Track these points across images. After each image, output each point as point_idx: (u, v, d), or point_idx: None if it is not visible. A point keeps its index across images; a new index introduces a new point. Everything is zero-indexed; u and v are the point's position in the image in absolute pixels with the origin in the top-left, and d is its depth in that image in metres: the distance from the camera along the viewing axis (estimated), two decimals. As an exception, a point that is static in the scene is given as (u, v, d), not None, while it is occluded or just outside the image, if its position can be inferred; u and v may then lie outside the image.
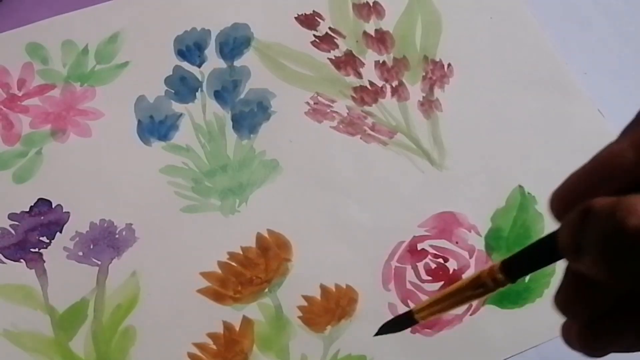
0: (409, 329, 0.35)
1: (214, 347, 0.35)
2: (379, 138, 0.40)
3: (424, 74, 0.42)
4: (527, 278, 0.37)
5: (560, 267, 0.37)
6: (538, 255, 0.23)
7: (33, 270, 0.36)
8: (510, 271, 0.24)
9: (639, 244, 0.17)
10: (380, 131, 0.41)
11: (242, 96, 0.41)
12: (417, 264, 0.37)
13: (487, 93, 0.42)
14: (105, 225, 0.37)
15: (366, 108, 0.41)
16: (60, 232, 0.37)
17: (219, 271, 0.37)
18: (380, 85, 0.42)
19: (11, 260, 0.36)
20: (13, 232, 0.37)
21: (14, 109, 0.40)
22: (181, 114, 0.40)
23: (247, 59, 0.42)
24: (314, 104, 0.41)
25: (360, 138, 0.40)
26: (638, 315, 0.19)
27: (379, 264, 0.37)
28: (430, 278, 0.37)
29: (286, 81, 0.42)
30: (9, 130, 0.40)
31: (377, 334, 0.34)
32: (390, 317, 0.35)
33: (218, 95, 0.41)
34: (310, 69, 0.42)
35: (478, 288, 0.25)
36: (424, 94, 0.42)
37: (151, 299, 0.36)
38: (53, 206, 0.38)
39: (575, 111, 0.41)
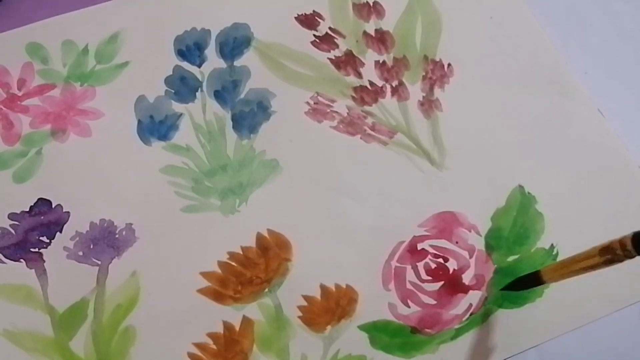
0: (410, 329, 0.36)
1: (214, 347, 0.35)
2: (379, 138, 0.40)
3: (424, 73, 0.42)
4: (527, 278, 0.37)
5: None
6: None
7: (33, 270, 0.36)
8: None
9: None
10: (380, 131, 0.41)
11: (242, 96, 0.41)
12: (417, 263, 0.37)
13: (487, 93, 0.42)
14: (105, 225, 0.37)
15: (366, 108, 0.41)
16: (60, 232, 0.37)
17: (219, 271, 0.37)
18: (380, 85, 0.42)
19: (11, 260, 0.36)
20: (13, 232, 0.37)
21: (14, 109, 0.40)
22: (181, 114, 0.40)
23: (247, 59, 0.42)
24: (314, 103, 0.41)
25: (360, 138, 0.40)
26: None
27: (379, 264, 0.37)
28: (430, 278, 0.37)
29: (286, 81, 0.42)
30: (9, 130, 0.40)
31: (503, 289, 0.35)
32: (390, 317, 0.36)
33: (218, 95, 0.41)
34: (310, 69, 0.42)
35: (607, 255, 0.26)
36: (424, 94, 0.42)
37: (151, 299, 0.36)
38: (53, 206, 0.38)
39: (575, 111, 0.41)
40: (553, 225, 0.38)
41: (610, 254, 0.27)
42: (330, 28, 0.43)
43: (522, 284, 0.35)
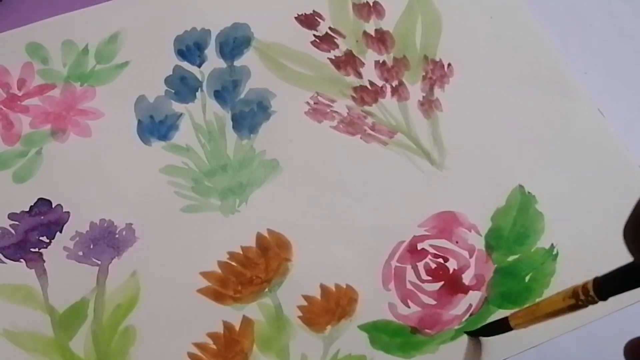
0: (410, 329, 0.36)
1: (214, 347, 0.35)
2: (379, 138, 0.40)
3: (424, 73, 0.42)
4: (527, 278, 0.37)
5: (561, 267, 0.37)
6: (628, 278, 0.23)
7: (33, 270, 0.36)
8: (601, 290, 0.25)
9: None
10: (380, 131, 0.41)
11: (242, 96, 0.41)
12: (417, 263, 0.37)
13: (487, 93, 0.42)
14: (105, 225, 0.37)
15: (366, 108, 0.41)
16: (60, 232, 0.37)
17: (219, 271, 0.37)
18: (380, 85, 0.42)
19: (11, 260, 0.36)
20: (13, 232, 0.37)
21: (14, 109, 0.40)
22: (181, 114, 0.40)
23: (247, 59, 0.42)
24: (314, 103, 0.41)
25: (360, 138, 0.40)
26: None
27: (379, 264, 0.37)
28: (430, 278, 0.37)
29: (286, 81, 0.42)
30: (9, 130, 0.40)
31: (470, 334, 0.35)
32: (390, 317, 0.36)
33: (218, 95, 0.41)
34: (310, 69, 0.42)
35: (571, 301, 0.26)
36: (424, 94, 0.42)
37: (151, 299, 0.36)
38: (53, 206, 0.38)
39: (575, 111, 0.41)
40: (553, 225, 0.38)
41: (575, 300, 0.26)
42: (330, 28, 0.43)
43: (490, 331, 0.34)
